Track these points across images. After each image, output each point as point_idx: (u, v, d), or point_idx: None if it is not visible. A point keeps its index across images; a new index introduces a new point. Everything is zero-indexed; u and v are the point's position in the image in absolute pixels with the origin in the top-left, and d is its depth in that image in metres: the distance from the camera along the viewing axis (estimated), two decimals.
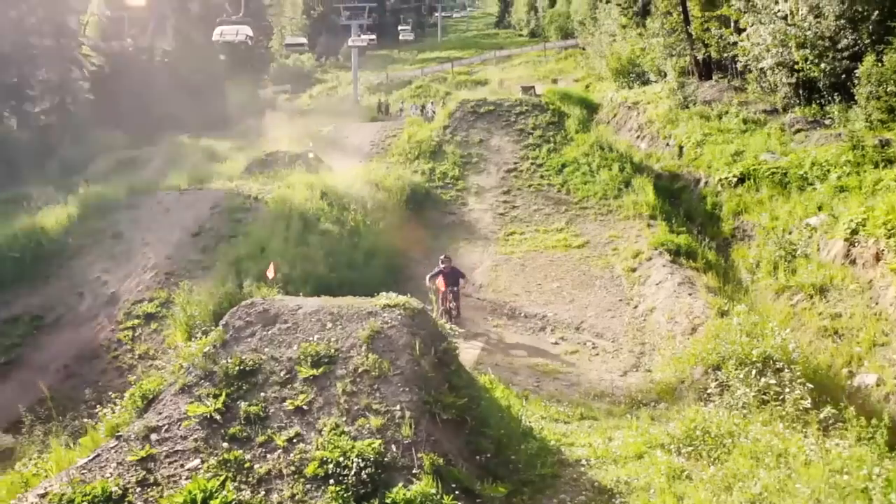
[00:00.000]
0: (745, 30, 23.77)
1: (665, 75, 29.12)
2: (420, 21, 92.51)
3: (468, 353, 12.68)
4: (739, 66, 25.78)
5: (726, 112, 23.97)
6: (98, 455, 6.56)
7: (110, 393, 8.68)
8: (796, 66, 20.98)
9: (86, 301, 17.53)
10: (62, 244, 19.45)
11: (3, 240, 18.80)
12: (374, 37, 55.31)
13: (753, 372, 9.44)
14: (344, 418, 6.39)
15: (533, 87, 37.54)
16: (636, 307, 15.96)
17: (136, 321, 16.10)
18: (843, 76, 19.60)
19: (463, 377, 7.51)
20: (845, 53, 19.64)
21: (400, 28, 76.98)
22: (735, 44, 24.76)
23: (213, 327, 13.61)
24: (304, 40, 58.34)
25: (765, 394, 9.10)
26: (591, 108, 32.94)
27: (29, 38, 43.84)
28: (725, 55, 27.52)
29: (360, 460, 5.87)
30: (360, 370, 6.79)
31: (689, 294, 14.88)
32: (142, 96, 45.78)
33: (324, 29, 71.92)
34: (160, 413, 6.83)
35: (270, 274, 9.78)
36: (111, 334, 16.12)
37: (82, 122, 43.52)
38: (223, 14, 47.10)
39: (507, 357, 13.96)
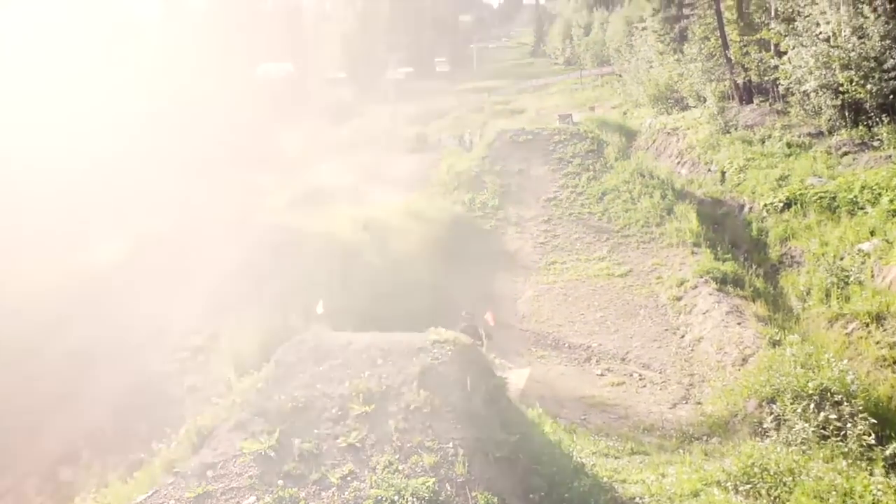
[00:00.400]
0: (786, 53, 23.47)
1: (704, 100, 28.87)
2: (456, 53, 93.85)
3: (513, 385, 12.59)
4: (781, 89, 25.41)
5: (769, 136, 23.61)
6: (156, 491, 6.68)
7: (166, 428, 8.84)
8: (841, 88, 20.60)
9: (137, 334, 17.92)
10: (116, 278, 19.96)
11: (61, 275, 19.38)
12: (411, 69, 56.34)
13: (811, 406, 9.16)
14: (397, 456, 6.40)
15: (570, 114, 37.59)
16: (683, 337, 15.68)
17: (185, 354, 16.39)
18: (891, 97, 19.19)
19: (513, 414, 7.47)
20: (892, 73, 19.24)
21: (437, 60, 78.29)
22: (776, 67, 24.43)
23: (260, 360, 13.83)
24: (343, 75, 59.72)
25: (824, 428, 8.81)
26: (629, 134, 32.85)
27: None
28: (766, 79, 27.20)
29: (414, 499, 5.86)
30: (411, 407, 6.80)
31: (738, 323, 14.56)
32: (188, 134, 47.26)
33: (362, 63, 73.46)
34: (215, 449, 6.92)
35: (320, 309, 9.90)
36: (160, 366, 16.43)
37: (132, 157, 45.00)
38: (266, 52, 48.67)
39: (553, 389, 13.80)
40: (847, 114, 21.10)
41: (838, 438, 8.58)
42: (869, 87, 19.65)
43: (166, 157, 44.39)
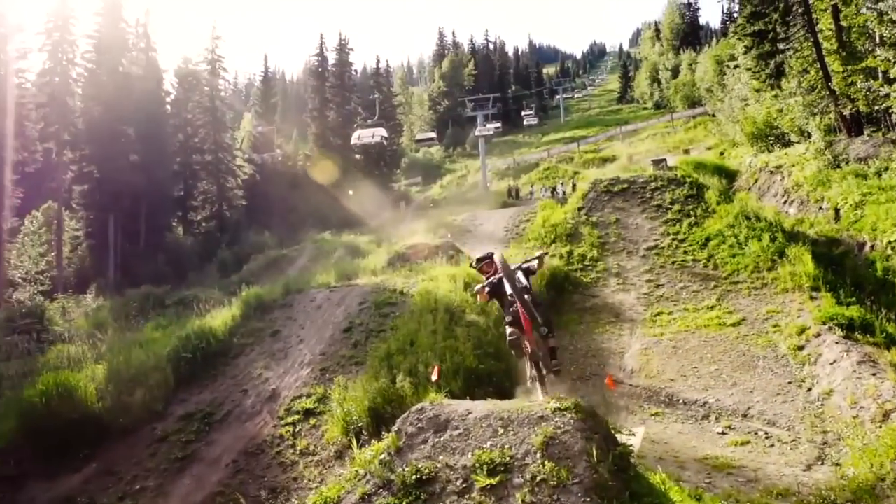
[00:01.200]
0: None
1: (808, 135, 27.69)
2: (542, 104, 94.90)
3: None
4: (894, 117, 24.04)
5: (886, 168, 22.24)
6: None
7: (293, 501, 9.01)
8: None
9: (250, 398, 18.55)
10: (228, 344, 20.85)
11: (178, 341, 20.45)
12: (499, 124, 57.26)
13: None
14: None
15: (664, 159, 36.84)
16: (809, 390, 14.59)
17: (296, 417, 16.74)
18: None
19: (643, 483, 7.13)
20: None
21: (524, 113, 79.40)
22: (887, 95, 23.20)
23: (369, 423, 13.95)
24: (433, 135, 61.53)
25: None
26: (728, 175, 31.82)
27: (193, 155, 49.64)
28: (877, 108, 25.82)
29: None
30: (537, 479, 6.62)
31: (873, 374, 13.43)
32: (288, 199, 49.95)
33: (450, 122, 75.50)
34: None
35: (434, 377, 9.94)
36: (274, 430, 16.83)
37: (237, 227, 47.89)
38: (359, 119, 50.95)
39: (671, 450, 13.12)
40: None
41: None
42: None
43: (268, 222, 46.85)
